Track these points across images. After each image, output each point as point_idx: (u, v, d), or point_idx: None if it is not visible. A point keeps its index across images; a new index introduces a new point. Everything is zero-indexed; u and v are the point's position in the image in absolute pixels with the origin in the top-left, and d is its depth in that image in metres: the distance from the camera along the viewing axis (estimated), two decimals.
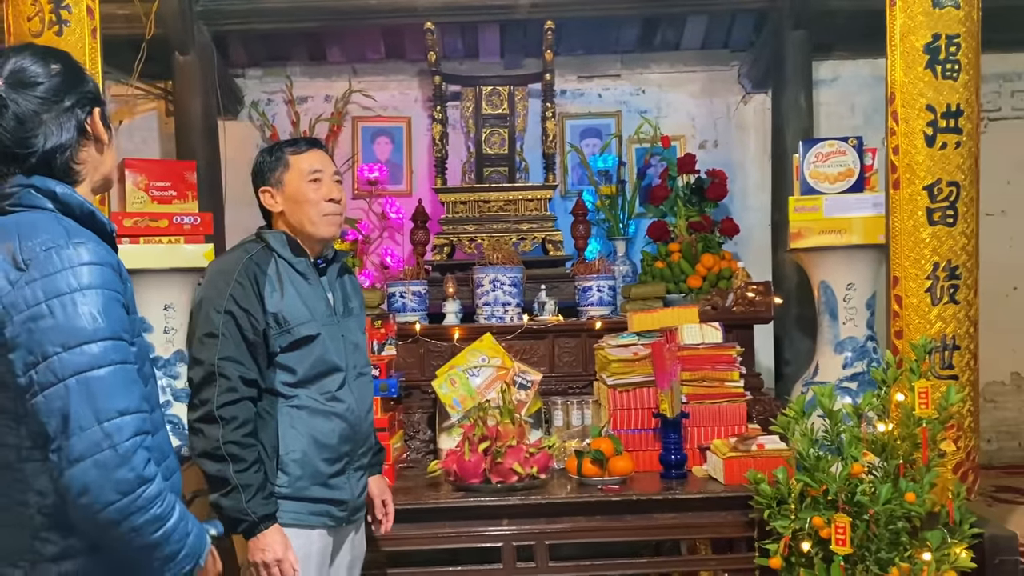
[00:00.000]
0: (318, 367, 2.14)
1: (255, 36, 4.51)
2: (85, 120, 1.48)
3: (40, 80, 1.44)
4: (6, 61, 1.46)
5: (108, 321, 1.35)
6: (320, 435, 2.14)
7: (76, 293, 1.34)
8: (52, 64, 1.47)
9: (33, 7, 2.69)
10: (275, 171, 2.23)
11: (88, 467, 1.30)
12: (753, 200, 4.73)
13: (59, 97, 1.45)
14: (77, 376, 1.31)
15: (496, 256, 3.78)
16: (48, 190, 1.43)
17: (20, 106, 1.42)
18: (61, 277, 1.34)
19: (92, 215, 1.47)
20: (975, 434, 2.83)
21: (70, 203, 1.44)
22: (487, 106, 4.33)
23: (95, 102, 1.51)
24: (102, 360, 1.33)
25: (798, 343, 4.19)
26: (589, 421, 3.31)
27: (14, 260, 1.35)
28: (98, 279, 1.36)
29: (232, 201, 4.46)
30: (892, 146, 2.82)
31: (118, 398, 1.33)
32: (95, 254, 1.38)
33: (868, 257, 3.19)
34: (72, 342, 1.32)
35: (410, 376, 3.51)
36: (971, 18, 2.77)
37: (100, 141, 1.51)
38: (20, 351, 1.32)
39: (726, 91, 4.85)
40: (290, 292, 2.14)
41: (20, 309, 1.32)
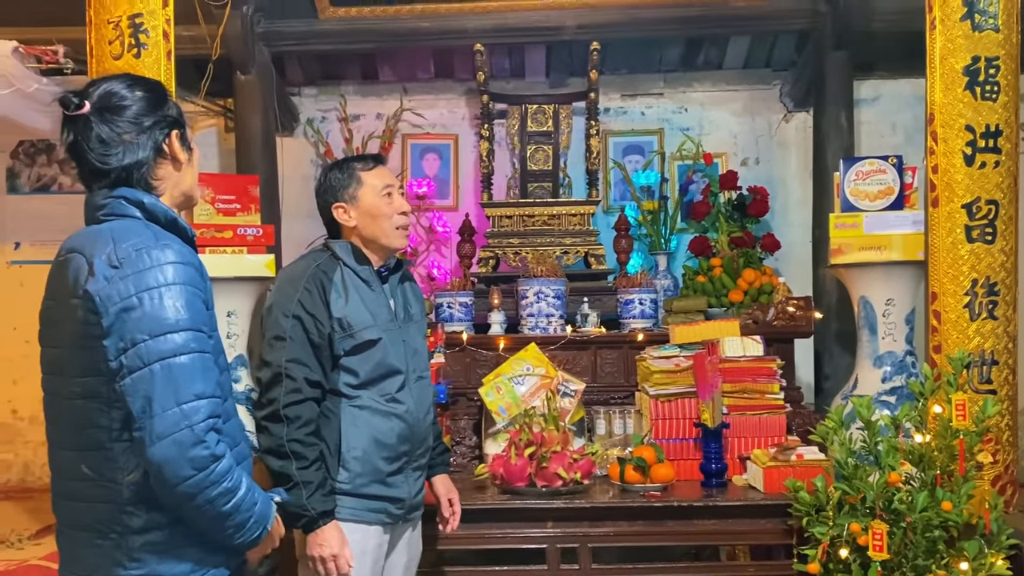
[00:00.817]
0: (379, 370, 2.26)
1: (311, 56, 4.69)
2: (163, 141, 1.64)
3: (125, 104, 1.61)
4: (97, 88, 1.63)
5: (190, 313, 1.51)
6: (380, 434, 2.25)
7: (163, 288, 1.50)
8: (137, 91, 1.64)
9: (114, 31, 2.88)
10: (348, 187, 2.35)
11: (168, 444, 1.45)
12: (794, 216, 4.79)
13: (140, 120, 1.62)
14: (161, 361, 1.47)
15: (540, 269, 3.90)
16: (137, 200, 1.60)
17: (103, 129, 1.59)
18: (150, 273, 1.50)
19: (175, 222, 1.63)
20: (1014, 448, 2.87)
21: (156, 211, 1.61)
22: (532, 124, 4.46)
23: (174, 125, 1.67)
24: (183, 348, 1.49)
25: (838, 358, 4.24)
26: (631, 430, 3.40)
27: (109, 260, 1.51)
28: (182, 276, 1.52)
29: (288, 214, 4.64)
30: (931, 165, 2.89)
31: (196, 383, 1.49)
32: (179, 254, 1.55)
33: (907, 273, 3.25)
34: (158, 330, 1.48)
35: (456, 384, 3.63)
36: (1010, 41, 2.84)
37: (177, 160, 1.67)
38: (113, 338, 1.48)
39: (768, 109, 4.93)
40: (354, 298, 2.26)
41: (114, 301, 1.49)
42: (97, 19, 2.91)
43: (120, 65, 2.86)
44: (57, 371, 1.59)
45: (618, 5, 4.26)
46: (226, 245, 3.37)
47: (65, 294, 1.55)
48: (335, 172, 2.39)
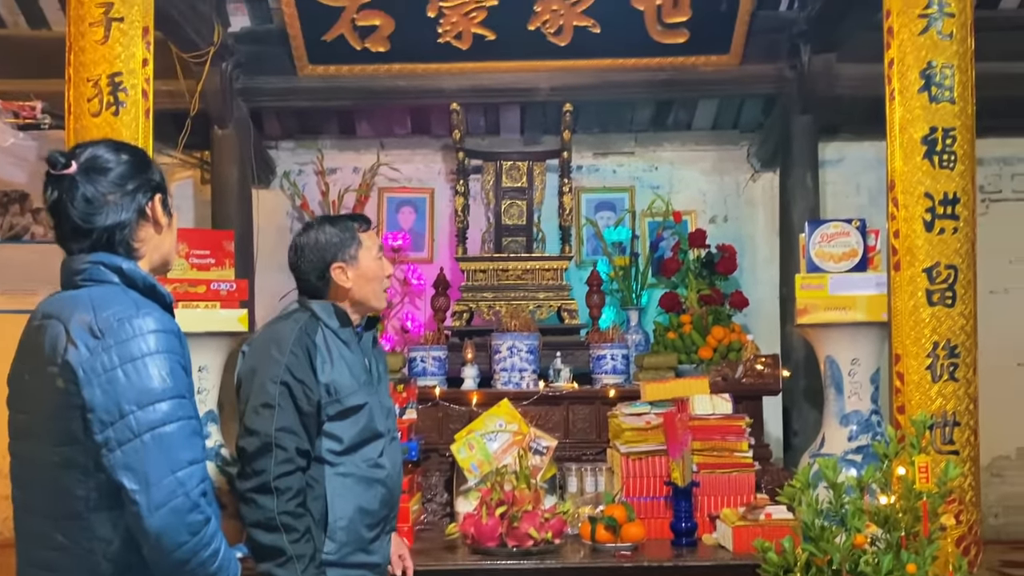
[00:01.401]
0: (364, 435, 2.20)
1: (289, 111, 4.76)
2: (146, 204, 1.66)
3: (110, 166, 1.64)
4: (84, 150, 1.66)
5: (174, 381, 1.52)
6: (365, 502, 2.20)
7: (147, 357, 1.51)
8: (123, 155, 1.67)
9: (93, 89, 2.90)
10: (349, 247, 2.27)
11: (166, 513, 1.45)
12: (762, 274, 4.89)
13: (124, 182, 1.64)
14: (151, 432, 1.48)
15: (514, 323, 3.94)
16: (115, 266, 1.61)
17: (88, 189, 1.60)
18: (133, 343, 1.51)
19: (153, 288, 1.64)
20: (977, 508, 2.92)
21: (134, 277, 1.62)
22: (507, 179, 4.54)
23: (157, 189, 1.69)
24: (171, 416, 1.50)
25: (806, 414, 4.30)
26: (602, 488, 3.41)
27: (91, 330, 1.51)
28: (164, 345, 1.53)
29: (262, 266, 4.65)
30: (893, 230, 2.98)
31: (187, 450, 1.50)
32: (160, 322, 1.55)
33: (872, 334, 3.32)
34: (145, 401, 1.49)
35: (428, 439, 3.63)
36: (965, 112, 2.95)
37: (158, 224, 1.69)
38: (98, 411, 1.48)
39: (736, 169, 5.05)
40: (339, 362, 2.20)
41: (98, 372, 1.49)
42: (76, 77, 2.93)
43: (98, 123, 2.88)
44: (29, 437, 1.58)
45: (590, 69, 4.38)
46: (199, 300, 3.37)
47: (41, 361, 1.55)
48: (332, 230, 2.30)
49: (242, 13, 4.42)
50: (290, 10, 4.11)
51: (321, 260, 2.27)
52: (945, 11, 2.93)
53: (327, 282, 2.28)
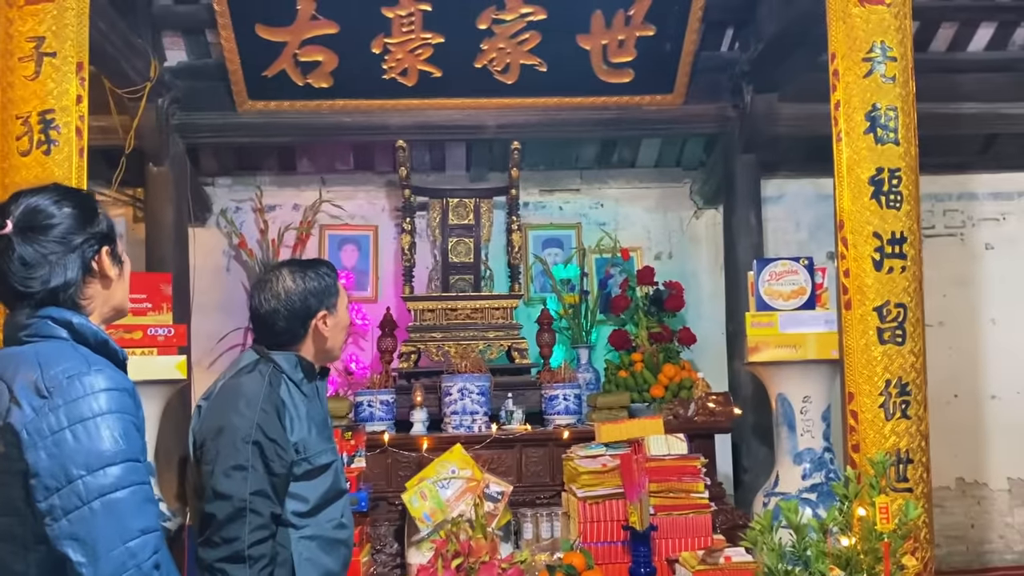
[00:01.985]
0: (329, 494, 2.07)
1: (227, 148, 4.63)
2: (92, 259, 1.52)
3: (52, 223, 1.49)
4: (18, 203, 1.50)
5: (127, 444, 1.40)
6: (330, 565, 2.07)
7: (98, 418, 1.38)
8: (65, 206, 1.51)
9: (23, 127, 2.75)
10: (333, 296, 2.15)
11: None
12: (707, 310, 4.92)
13: (67, 239, 1.49)
14: (101, 498, 1.35)
15: (464, 364, 3.86)
16: (64, 320, 1.48)
17: (26, 250, 1.46)
18: (83, 403, 1.38)
19: (105, 343, 1.51)
20: (931, 545, 2.94)
21: (85, 332, 1.49)
22: (454, 216, 4.48)
23: (104, 240, 1.55)
24: (124, 481, 1.38)
25: (756, 451, 4.31)
26: (558, 533, 3.33)
27: (36, 389, 1.39)
28: (116, 404, 1.41)
29: (198, 307, 4.48)
30: (843, 269, 3.01)
31: (139, 518, 1.38)
32: (113, 380, 1.43)
33: (822, 372, 3.35)
34: (95, 465, 1.36)
35: (377, 487, 3.51)
36: (910, 153, 3.02)
37: (107, 278, 1.55)
38: (43, 476, 1.35)
39: (679, 206, 5.10)
40: (305, 419, 2.06)
41: (44, 435, 1.36)
42: (4, 114, 2.77)
43: (28, 162, 2.73)
44: None
45: (537, 107, 4.38)
46: (135, 346, 3.20)
47: None
48: (318, 276, 2.14)
49: (179, 47, 4.29)
50: (229, 44, 4.00)
51: (307, 309, 2.11)
52: (888, 55, 3.00)
53: (306, 331, 2.12)
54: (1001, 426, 5.01)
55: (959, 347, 5.02)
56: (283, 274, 2.12)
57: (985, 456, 5.02)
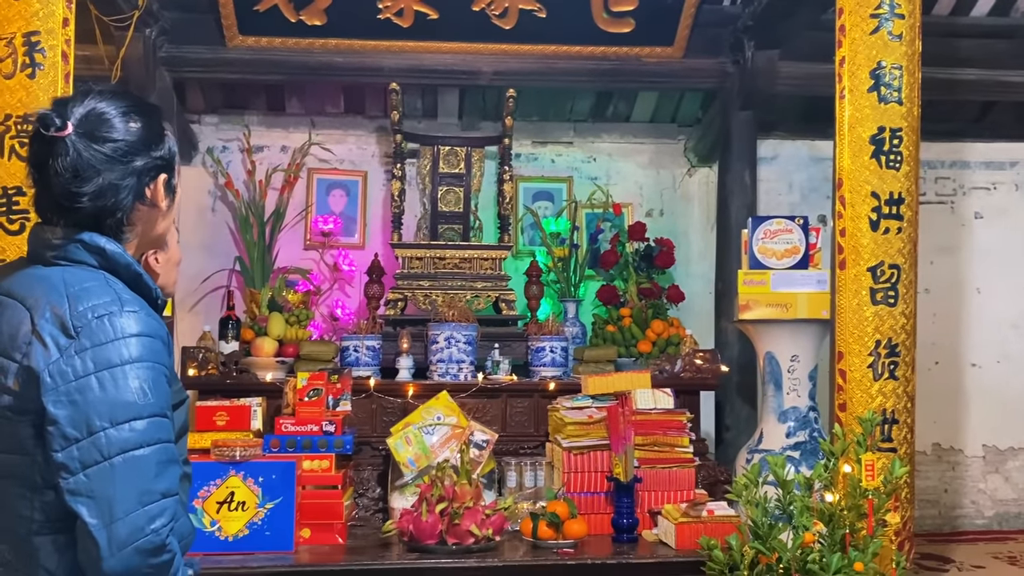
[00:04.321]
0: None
1: (215, 84, 4.52)
2: (147, 185, 1.40)
3: (114, 136, 1.36)
4: (84, 104, 1.36)
5: (156, 396, 1.30)
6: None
7: (127, 366, 1.27)
8: (132, 122, 1.38)
9: (6, 48, 2.65)
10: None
11: (131, 554, 1.23)
12: (696, 268, 4.91)
13: (128, 158, 1.36)
14: (123, 455, 1.25)
15: (451, 313, 3.82)
16: (97, 246, 1.35)
17: (82, 157, 1.33)
18: (113, 347, 1.27)
19: (139, 277, 1.39)
20: (911, 505, 2.98)
21: (117, 263, 1.37)
22: (444, 165, 4.41)
23: (163, 168, 1.42)
24: (148, 438, 1.28)
25: (738, 409, 4.33)
26: (541, 482, 3.34)
27: (63, 326, 1.28)
28: (148, 352, 1.30)
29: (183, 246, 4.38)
30: (839, 228, 3.00)
31: (161, 479, 1.28)
32: (147, 325, 1.31)
33: (812, 331, 3.35)
34: (121, 417, 1.26)
35: (361, 432, 3.49)
36: (912, 114, 2.99)
37: (156, 207, 1.43)
38: (61, 424, 1.25)
39: (672, 163, 5.05)
40: None
41: (68, 379, 1.26)
42: None
43: (11, 85, 2.63)
44: None
45: (534, 54, 4.29)
46: None
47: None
48: None
49: None
50: None
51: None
52: (896, 12, 2.95)
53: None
54: (980, 394, 5.07)
55: (943, 314, 5.05)
56: None
57: (962, 423, 5.09)
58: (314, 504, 2.98)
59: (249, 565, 2.70)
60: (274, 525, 2.83)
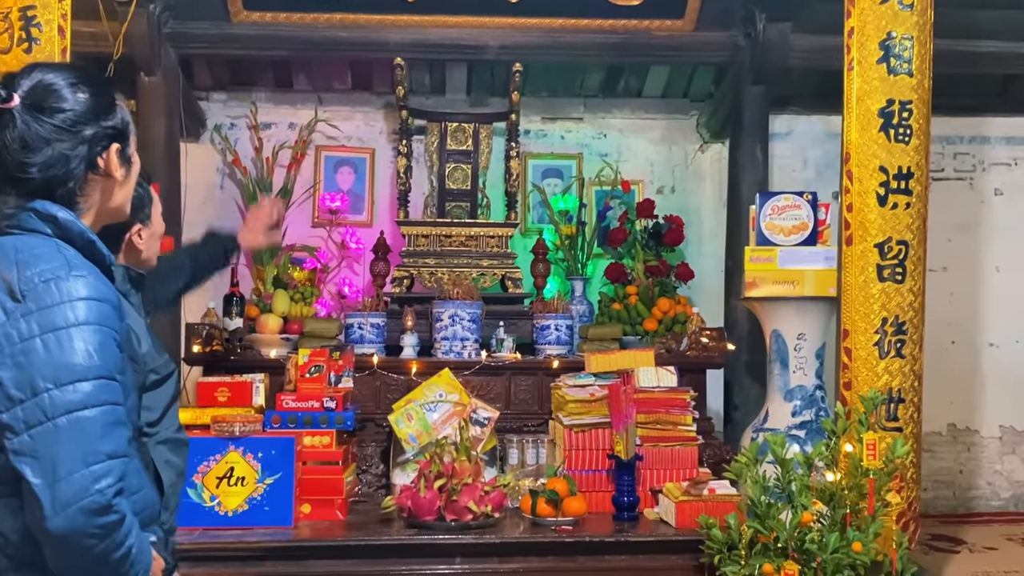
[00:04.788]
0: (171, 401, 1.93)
1: (222, 60, 4.49)
2: (99, 155, 1.40)
3: (62, 107, 1.37)
4: (31, 76, 1.37)
5: (103, 359, 1.31)
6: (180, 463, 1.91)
7: (72, 328, 1.29)
8: (81, 92, 1.39)
9: (3, 23, 2.66)
10: (147, 207, 2.02)
11: (75, 514, 1.24)
12: (707, 246, 4.84)
13: (76, 128, 1.37)
14: (68, 415, 1.26)
15: (456, 291, 3.80)
16: (49, 214, 1.37)
17: (30, 129, 1.34)
18: (59, 310, 1.29)
19: (92, 245, 1.40)
20: (917, 485, 2.92)
21: (70, 231, 1.38)
22: (452, 142, 4.37)
23: (116, 137, 1.43)
24: (94, 399, 1.29)
25: (747, 388, 4.28)
26: (544, 460, 3.32)
27: (10, 290, 1.30)
28: (95, 315, 1.31)
29: (190, 224, 4.40)
30: (846, 204, 2.93)
31: (107, 441, 1.28)
32: (95, 289, 1.33)
33: (819, 309, 3.29)
34: (65, 379, 1.27)
35: (365, 409, 3.49)
36: (923, 86, 2.91)
37: (111, 177, 1.43)
38: (7, 386, 1.27)
39: (684, 139, 4.98)
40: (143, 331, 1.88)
41: (13, 341, 1.28)
42: None
43: (7, 60, 2.64)
44: None
45: (542, 27, 4.22)
46: None
47: None
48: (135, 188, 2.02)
49: None
50: None
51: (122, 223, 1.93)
52: None
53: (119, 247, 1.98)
54: (997, 374, 4.97)
55: (960, 293, 4.95)
56: None
57: (979, 403, 5.00)
58: (314, 480, 2.99)
59: (247, 540, 2.71)
60: (273, 500, 2.84)
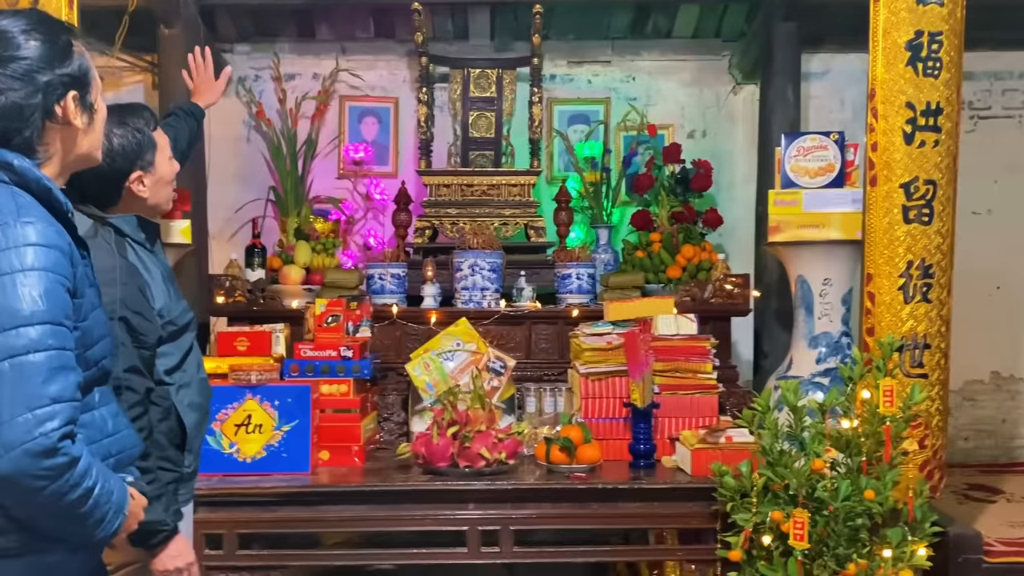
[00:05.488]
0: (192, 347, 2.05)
1: (243, 10, 4.46)
2: (55, 104, 1.41)
3: (16, 55, 1.37)
4: None
5: (49, 305, 1.31)
6: (204, 402, 2.08)
7: (18, 274, 1.30)
8: (33, 38, 1.39)
9: None
10: (149, 152, 2.00)
11: (19, 456, 1.26)
12: (740, 192, 4.71)
13: (30, 76, 1.38)
14: (11, 359, 1.28)
15: (476, 241, 3.77)
16: (5, 162, 1.38)
17: None
18: (3, 257, 1.30)
19: (48, 192, 1.41)
20: (943, 433, 2.83)
21: (26, 177, 1.39)
22: (475, 89, 4.30)
23: (71, 85, 1.43)
24: (38, 344, 1.29)
25: (777, 336, 4.19)
26: (562, 408, 3.31)
27: None
28: (43, 261, 1.32)
29: (216, 178, 4.44)
30: (871, 143, 2.81)
31: (52, 384, 1.29)
32: (43, 235, 1.34)
33: (846, 253, 3.18)
34: (8, 324, 1.28)
35: (386, 358, 3.51)
36: (955, 16, 2.75)
37: (70, 125, 1.44)
38: None
39: (716, 81, 4.82)
40: (160, 281, 1.97)
41: None
42: None
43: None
44: None
45: None
46: None
47: None
48: (126, 132, 1.98)
49: None
50: None
51: (116, 171, 1.95)
52: None
53: (121, 194, 1.98)
54: None
55: (1007, 237, 4.73)
56: None
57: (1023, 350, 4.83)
58: (332, 427, 3.03)
59: (263, 486, 2.76)
60: (290, 447, 2.88)
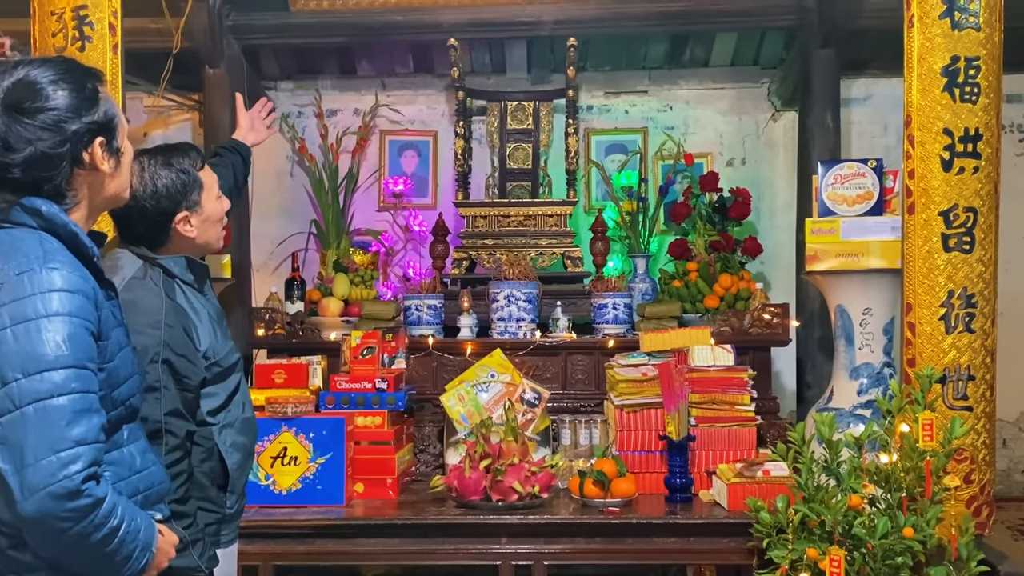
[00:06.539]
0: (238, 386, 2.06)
1: (287, 49, 4.59)
2: (83, 151, 1.44)
3: (41, 106, 1.39)
4: (13, 74, 1.40)
5: (73, 349, 1.33)
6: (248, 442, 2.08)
7: (43, 319, 1.32)
8: (62, 89, 1.41)
9: (57, 23, 2.78)
10: (195, 192, 2.00)
11: (43, 499, 1.28)
12: (781, 219, 4.66)
13: (59, 126, 1.40)
14: (35, 403, 1.30)
15: (512, 271, 3.79)
16: (33, 208, 1.41)
17: (11, 130, 1.38)
18: (29, 303, 1.33)
19: (75, 237, 1.43)
20: (991, 468, 2.74)
21: (54, 222, 1.42)
22: (512, 121, 4.34)
23: (98, 132, 1.45)
24: (63, 388, 1.31)
25: (821, 366, 4.11)
26: (597, 440, 3.28)
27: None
28: (67, 306, 1.35)
29: (259, 212, 4.54)
30: (908, 170, 2.76)
31: (76, 427, 1.32)
32: (68, 281, 1.36)
33: (886, 282, 3.11)
34: (32, 369, 1.31)
35: (422, 389, 3.52)
36: (992, 40, 2.70)
37: (98, 171, 1.47)
38: None
39: (755, 108, 4.79)
40: (207, 322, 1.97)
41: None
42: (40, 11, 2.81)
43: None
44: None
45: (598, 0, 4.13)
46: None
47: None
48: (171, 173, 1.97)
49: None
50: None
51: (162, 212, 1.96)
52: None
53: (168, 234, 1.98)
54: None
55: None
56: (134, 169, 1.90)
57: None
58: (367, 460, 3.04)
59: (298, 518, 2.79)
60: (325, 479, 2.91)
